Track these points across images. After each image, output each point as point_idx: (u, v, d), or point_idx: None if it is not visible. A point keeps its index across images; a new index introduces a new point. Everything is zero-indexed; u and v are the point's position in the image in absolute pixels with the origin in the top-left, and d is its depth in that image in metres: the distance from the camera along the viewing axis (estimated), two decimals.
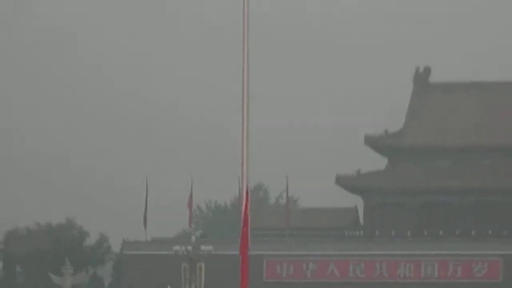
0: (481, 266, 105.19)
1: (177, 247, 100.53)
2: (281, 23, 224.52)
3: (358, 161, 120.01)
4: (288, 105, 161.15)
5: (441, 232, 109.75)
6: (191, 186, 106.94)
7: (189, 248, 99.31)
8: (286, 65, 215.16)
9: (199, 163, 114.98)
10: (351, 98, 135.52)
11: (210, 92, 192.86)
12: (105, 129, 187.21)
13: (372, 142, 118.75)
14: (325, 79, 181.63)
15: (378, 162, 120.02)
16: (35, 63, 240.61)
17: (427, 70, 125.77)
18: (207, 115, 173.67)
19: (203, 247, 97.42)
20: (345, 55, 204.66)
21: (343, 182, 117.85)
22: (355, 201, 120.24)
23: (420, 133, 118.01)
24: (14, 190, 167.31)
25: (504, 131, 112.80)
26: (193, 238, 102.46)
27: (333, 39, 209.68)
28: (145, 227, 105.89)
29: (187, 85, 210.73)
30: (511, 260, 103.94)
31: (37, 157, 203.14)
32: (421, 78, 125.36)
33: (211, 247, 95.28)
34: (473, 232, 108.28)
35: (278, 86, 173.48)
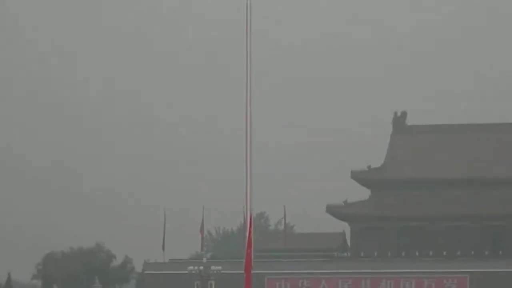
0: (451, 282, 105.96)
1: (191, 267, 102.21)
2: (262, 61, 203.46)
3: (345, 193, 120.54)
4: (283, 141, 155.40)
5: (417, 253, 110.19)
6: (203, 214, 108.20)
7: (201, 268, 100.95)
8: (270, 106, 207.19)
9: (210, 194, 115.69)
10: (339, 139, 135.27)
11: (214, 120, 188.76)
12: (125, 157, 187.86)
13: (357, 176, 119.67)
14: (316, 121, 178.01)
15: (363, 193, 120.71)
16: None
17: (404, 114, 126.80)
18: (215, 146, 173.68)
19: (213, 267, 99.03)
20: (332, 99, 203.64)
21: (332, 210, 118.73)
22: (343, 227, 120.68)
23: (399, 168, 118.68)
24: (49, 211, 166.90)
25: (471, 167, 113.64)
26: (204, 260, 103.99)
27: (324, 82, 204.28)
28: (163, 250, 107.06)
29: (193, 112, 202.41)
30: (477, 276, 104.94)
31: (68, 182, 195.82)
32: (399, 121, 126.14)
33: (220, 267, 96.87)
34: (444, 253, 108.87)
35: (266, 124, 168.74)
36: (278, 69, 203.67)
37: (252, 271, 33.96)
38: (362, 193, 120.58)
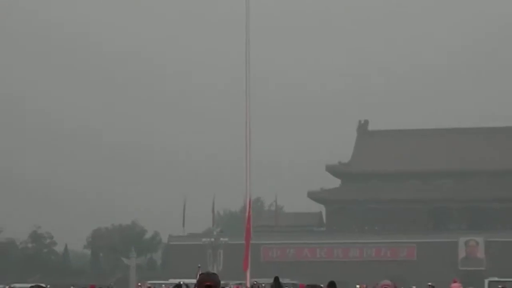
0: (402, 250, 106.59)
1: (204, 239, 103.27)
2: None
3: (321, 182, 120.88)
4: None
5: (376, 228, 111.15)
6: (214, 199, 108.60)
7: (212, 240, 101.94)
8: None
9: (220, 185, 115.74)
10: (317, 140, 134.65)
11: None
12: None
13: (330, 170, 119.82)
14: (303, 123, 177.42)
15: (335, 183, 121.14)
16: None
17: (366, 122, 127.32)
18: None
19: (221, 239, 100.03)
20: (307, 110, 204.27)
21: (312, 195, 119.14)
22: (320, 208, 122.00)
23: (362, 164, 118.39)
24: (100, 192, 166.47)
25: (419, 163, 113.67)
26: (214, 233, 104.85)
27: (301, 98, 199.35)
28: (183, 226, 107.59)
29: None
30: (422, 246, 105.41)
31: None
32: (362, 127, 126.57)
33: (226, 239, 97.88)
34: (397, 228, 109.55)
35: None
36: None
37: (251, 242, 35.82)
38: (334, 182, 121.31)
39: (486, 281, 52.54)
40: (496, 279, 54.91)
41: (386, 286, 12.24)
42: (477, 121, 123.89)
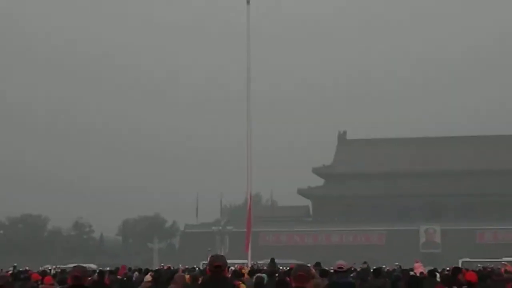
0: (374, 236, 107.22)
1: (213, 227, 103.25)
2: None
3: (308, 181, 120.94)
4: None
5: (353, 218, 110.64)
6: (221, 195, 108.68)
7: (220, 228, 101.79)
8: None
9: (226, 183, 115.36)
10: (304, 149, 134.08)
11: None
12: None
13: (316, 171, 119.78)
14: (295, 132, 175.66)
15: (319, 182, 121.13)
16: None
17: (345, 132, 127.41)
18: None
19: (227, 227, 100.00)
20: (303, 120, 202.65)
21: (301, 192, 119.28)
22: (307, 202, 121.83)
23: (341, 167, 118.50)
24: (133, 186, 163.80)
25: (388, 165, 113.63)
26: (222, 223, 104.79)
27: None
28: (197, 217, 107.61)
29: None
30: (390, 233, 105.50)
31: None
32: (342, 136, 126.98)
33: (231, 227, 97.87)
34: (371, 219, 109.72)
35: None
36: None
37: (251, 230, 35.27)
38: (319, 181, 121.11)
39: (460, 261, 50.68)
40: (468, 259, 53.35)
41: (341, 265, 12.01)
42: (435, 130, 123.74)
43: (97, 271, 23.98)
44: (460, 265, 39.30)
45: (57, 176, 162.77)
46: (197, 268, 27.33)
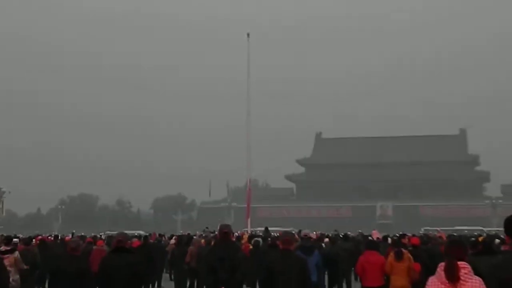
0: (342, 210, 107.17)
1: (222, 204, 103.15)
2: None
3: (293, 169, 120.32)
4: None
5: (327, 197, 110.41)
6: (228, 179, 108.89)
7: (227, 204, 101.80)
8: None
9: (232, 170, 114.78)
10: (290, 145, 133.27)
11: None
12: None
13: (299, 162, 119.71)
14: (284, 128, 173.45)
15: (301, 170, 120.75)
16: None
17: (320, 133, 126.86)
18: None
19: (232, 204, 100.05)
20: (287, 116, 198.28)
21: (288, 177, 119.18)
22: (292, 185, 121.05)
23: (318, 158, 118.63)
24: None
25: (358, 157, 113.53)
26: (228, 200, 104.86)
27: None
28: (210, 195, 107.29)
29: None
30: (355, 208, 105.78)
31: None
32: (318, 136, 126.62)
33: (236, 204, 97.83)
34: (341, 197, 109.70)
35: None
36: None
37: (250, 205, 35.07)
38: (301, 170, 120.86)
39: (423, 229, 49.24)
40: (428, 228, 52.21)
41: (305, 234, 11.96)
42: (391, 130, 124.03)
43: (142, 236, 24.14)
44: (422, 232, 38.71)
45: (104, 159, 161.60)
46: (211, 234, 27.24)
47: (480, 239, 14.10)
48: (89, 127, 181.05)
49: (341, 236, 23.11)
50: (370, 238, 20.70)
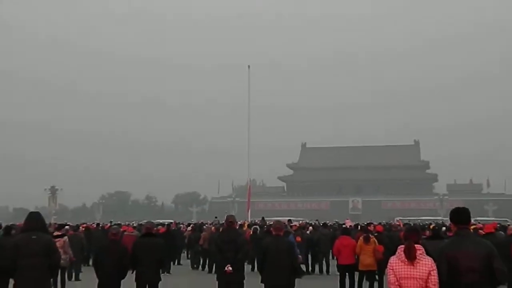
0: (322, 205, 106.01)
1: (228, 199, 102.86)
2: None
3: (284, 172, 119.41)
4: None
5: (310, 194, 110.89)
6: (232, 179, 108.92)
7: (232, 199, 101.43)
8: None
9: (236, 172, 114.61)
10: (281, 152, 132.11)
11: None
12: None
13: (288, 166, 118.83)
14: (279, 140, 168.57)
15: (290, 172, 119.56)
16: None
17: (305, 143, 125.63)
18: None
19: (236, 199, 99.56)
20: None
21: (280, 178, 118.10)
22: (283, 184, 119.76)
23: (303, 163, 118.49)
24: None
25: (332, 163, 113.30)
26: (233, 196, 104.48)
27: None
28: (218, 193, 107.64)
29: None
30: (332, 203, 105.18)
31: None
32: (303, 145, 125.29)
33: (239, 199, 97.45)
34: (320, 194, 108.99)
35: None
36: None
37: (250, 200, 34.75)
38: (290, 172, 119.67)
39: (396, 219, 46.89)
40: (400, 218, 50.16)
41: (280, 221, 11.98)
42: (360, 141, 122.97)
43: (166, 224, 24.19)
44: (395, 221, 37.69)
45: (137, 168, 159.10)
46: (219, 223, 27.28)
47: (431, 227, 14.14)
48: (131, 149, 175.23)
49: (321, 224, 23.10)
50: (344, 226, 20.68)
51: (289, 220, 24.76)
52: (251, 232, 19.01)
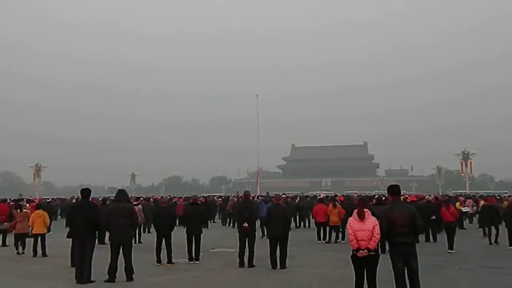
0: (305, 184, 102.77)
1: (245, 180, 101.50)
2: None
3: (280, 162, 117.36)
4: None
5: (299, 179, 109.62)
6: (247, 167, 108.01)
7: (247, 180, 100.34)
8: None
9: (249, 163, 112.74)
10: (277, 149, 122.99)
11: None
12: None
13: (283, 159, 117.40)
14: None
15: (283, 163, 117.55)
16: None
17: (294, 143, 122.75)
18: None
19: (250, 180, 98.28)
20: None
21: (278, 166, 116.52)
22: (280, 170, 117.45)
23: (292, 157, 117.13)
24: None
25: (314, 158, 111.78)
26: (248, 178, 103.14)
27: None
28: (238, 175, 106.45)
29: None
30: (313, 183, 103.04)
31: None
32: (293, 145, 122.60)
33: (252, 180, 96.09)
34: (306, 177, 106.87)
35: None
36: None
37: (259, 181, 34.40)
38: (284, 163, 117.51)
39: (345, 192, 42.93)
40: (355, 192, 47.35)
41: (278, 194, 11.72)
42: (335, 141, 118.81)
43: (205, 197, 24.12)
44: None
45: (187, 159, 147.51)
46: (240, 195, 27.15)
47: (376, 197, 14.11)
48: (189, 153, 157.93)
49: (305, 196, 23.03)
50: (319, 197, 20.73)
51: (283, 194, 24.68)
52: (260, 201, 18.97)
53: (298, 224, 19.01)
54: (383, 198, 14.67)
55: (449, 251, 10.18)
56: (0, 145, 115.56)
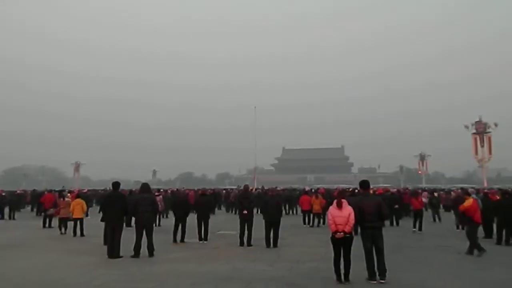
0: (294, 178, 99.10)
1: (244, 176, 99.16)
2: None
3: (273, 161, 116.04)
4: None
5: (294, 175, 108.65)
6: (247, 166, 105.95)
7: (247, 176, 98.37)
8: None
9: (248, 161, 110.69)
10: (272, 151, 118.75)
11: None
12: None
13: (276, 158, 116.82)
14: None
15: (275, 162, 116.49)
16: None
17: (284, 146, 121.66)
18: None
19: (249, 175, 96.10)
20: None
21: (272, 165, 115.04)
22: (273, 168, 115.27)
23: (284, 157, 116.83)
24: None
25: (302, 159, 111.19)
26: (247, 174, 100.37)
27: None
28: (239, 172, 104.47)
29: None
30: (299, 178, 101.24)
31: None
32: (284, 148, 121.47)
33: (250, 176, 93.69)
34: (295, 174, 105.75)
35: None
36: None
37: (256, 176, 33.85)
38: (276, 162, 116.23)
39: (350, 186, 42.13)
40: (352, 186, 45.33)
41: (273, 187, 11.62)
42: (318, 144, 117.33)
43: (212, 189, 23.94)
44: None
45: (199, 159, 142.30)
46: (241, 188, 26.99)
47: (350, 190, 14.09)
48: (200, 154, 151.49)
49: (293, 189, 22.96)
50: (304, 190, 20.67)
51: (276, 187, 24.60)
52: (256, 195, 18.86)
53: (287, 212, 18.95)
54: (356, 190, 14.70)
55: (419, 231, 10.57)
56: (47, 146, 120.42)
